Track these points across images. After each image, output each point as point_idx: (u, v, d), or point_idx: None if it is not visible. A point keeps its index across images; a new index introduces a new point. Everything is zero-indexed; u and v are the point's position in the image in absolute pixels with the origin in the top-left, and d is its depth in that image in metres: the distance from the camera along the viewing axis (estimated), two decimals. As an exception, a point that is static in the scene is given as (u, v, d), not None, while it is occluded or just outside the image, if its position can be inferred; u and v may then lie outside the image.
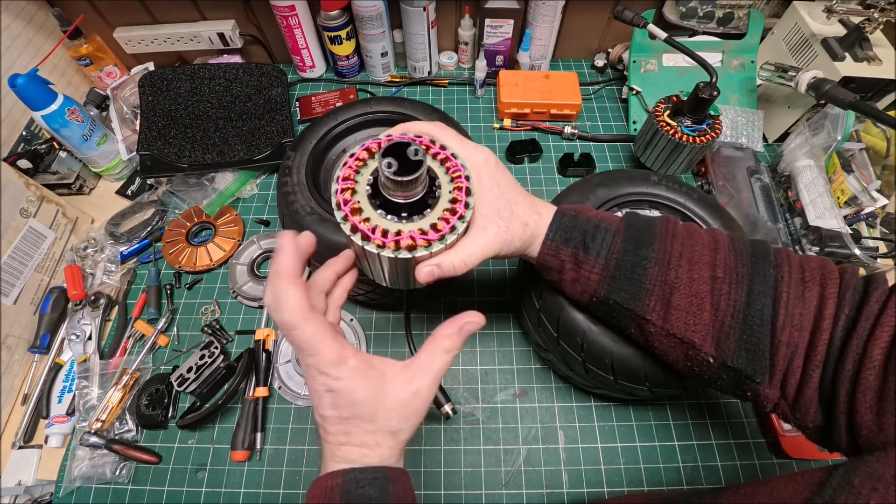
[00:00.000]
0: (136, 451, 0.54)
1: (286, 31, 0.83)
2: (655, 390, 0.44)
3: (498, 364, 0.60)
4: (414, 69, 0.90)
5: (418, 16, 0.80)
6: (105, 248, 0.69)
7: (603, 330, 0.44)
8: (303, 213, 0.52)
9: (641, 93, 0.81)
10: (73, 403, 0.58)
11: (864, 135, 0.70)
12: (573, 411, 0.57)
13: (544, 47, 0.86)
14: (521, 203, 0.37)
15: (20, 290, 0.61)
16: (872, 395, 0.27)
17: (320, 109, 0.85)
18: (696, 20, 0.82)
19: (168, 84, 0.80)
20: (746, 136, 0.76)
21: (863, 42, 0.67)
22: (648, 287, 0.35)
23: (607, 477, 0.53)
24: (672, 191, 0.53)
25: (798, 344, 0.31)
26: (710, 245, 0.36)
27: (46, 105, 0.66)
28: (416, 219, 0.32)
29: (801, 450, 0.52)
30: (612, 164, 0.79)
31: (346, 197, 0.32)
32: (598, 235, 0.37)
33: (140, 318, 0.64)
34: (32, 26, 0.76)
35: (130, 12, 0.83)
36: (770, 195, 0.70)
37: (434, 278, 0.33)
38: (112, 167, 0.77)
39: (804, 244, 0.65)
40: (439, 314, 0.64)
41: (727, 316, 0.33)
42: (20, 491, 0.56)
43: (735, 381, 0.34)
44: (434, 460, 0.54)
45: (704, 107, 0.62)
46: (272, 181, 0.77)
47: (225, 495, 0.53)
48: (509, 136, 0.83)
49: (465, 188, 0.33)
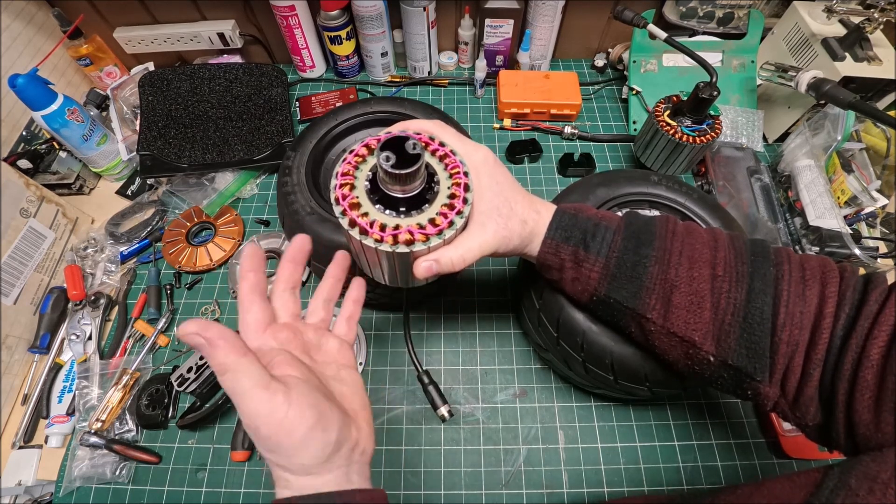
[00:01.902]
0: (136, 451, 0.54)
1: (286, 31, 0.83)
2: (655, 390, 0.44)
3: (498, 364, 0.60)
4: (414, 69, 0.90)
5: (418, 16, 0.80)
6: (105, 248, 0.69)
7: (603, 330, 0.44)
8: (303, 213, 0.52)
9: (641, 93, 0.81)
10: (73, 403, 0.58)
11: (864, 135, 0.70)
12: (573, 411, 0.57)
13: (544, 47, 0.86)
14: (520, 201, 0.37)
15: (20, 290, 0.61)
16: (870, 394, 0.27)
17: (320, 109, 0.85)
18: (696, 20, 0.82)
19: (168, 84, 0.80)
20: (746, 136, 0.76)
21: (863, 42, 0.67)
22: (649, 285, 0.35)
23: (607, 477, 0.53)
24: (672, 191, 0.53)
25: (798, 342, 0.31)
26: (710, 244, 0.36)
27: (46, 105, 0.66)
28: (415, 214, 0.32)
29: (801, 450, 0.52)
30: (612, 164, 0.79)
31: (344, 192, 0.32)
32: (599, 234, 0.37)
33: (140, 318, 0.64)
34: (32, 26, 0.76)
35: (130, 12, 0.83)
36: (770, 195, 0.70)
37: (432, 274, 0.33)
38: (112, 167, 0.77)
39: (804, 244, 0.65)
40: (439, 314, 0.64)
41: (727, 314, 0.33)
42: (20, 491, 0.56)
43: (735, 379, 0.34)
44: (434, 460, 0.54)
45: (704, 107, 0.62)
46: (272, 181, 0.77)
47: (225, 495, 0.53)
48: (509, 136, 0.83)
49: (464, 184, 0.33)
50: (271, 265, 0.68)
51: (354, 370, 0.35)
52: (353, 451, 0.29)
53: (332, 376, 0.33)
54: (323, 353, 0.34)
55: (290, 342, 0.32)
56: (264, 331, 0.32)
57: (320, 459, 0.27)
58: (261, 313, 0.32)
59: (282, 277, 0.35)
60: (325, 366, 0.33)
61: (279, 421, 0.26)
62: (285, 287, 0.35)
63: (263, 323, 0.32)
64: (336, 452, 0.28)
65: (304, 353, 0.33)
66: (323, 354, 0.34)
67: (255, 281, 0.32)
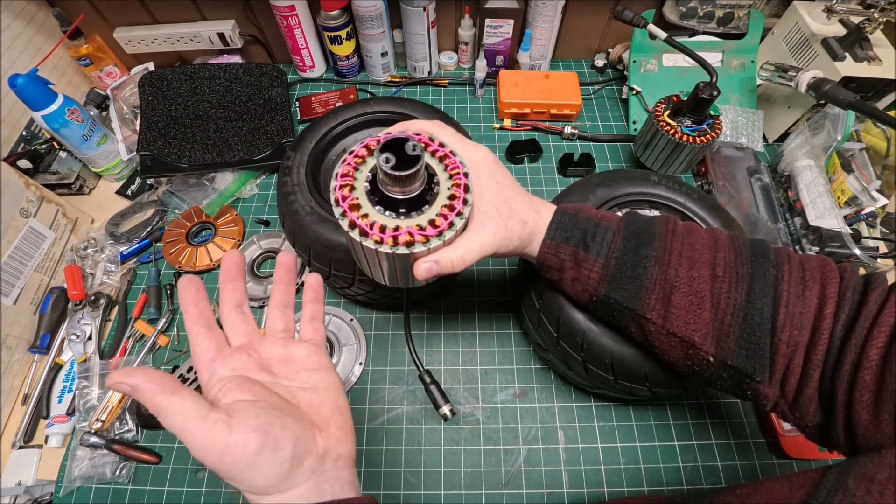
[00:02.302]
0: (136, 451, 0.54)
1: (286, 31, 0.83)
2: (655, 390, 0.44)
3: (498, 364, 0.60)
4: (414, 69, 0.90)
5: (418, 16, 0.80)
6: (105, 248, 0.69)
7: (603, 330, 0.44)
8: (303, 213, 0.52)
9: (641, 93, 0.81)
10: (73, 403, 0.58)
11: (864, 135, 0.70)
12: (573, 411, 0.57)
13: (544, 47, 0.86)
14: (520, 201, 0.37)
15: (20, 290, 0.61)
16: (869, 394, 0.27)
17: (320, 109, 0.85)
18: (696, 20, 0.82)
19: (168, 84, 0.80)
20: (746, 136, 0.76)
21: (863, 42, 0.67)
22: (648, 286, 0.35)
23: (607, 477, 0.53)
24: (672, 191, 0.53)
25: (798, 343, 0.31)
26: (710, 244, 0.36)
27: (46, 105, 0.66)
28: (415, 215, 0.32)
29: (801, 450, 0.52)
30: (612, 164, 0.79)
31: (344, 193, 0.32)
32: (599, 234, 0.37)
33: (140, 318, 0.64)
34: (32, 26, 0.76)
35: (130, 12, 0.83)
36: (770, 195, 0.70)
37: (432, 275, 0.33)
38: (112, 167, 0.77)
39: (804, 244, 0.65)
40: (439, 314, 0.64)
41: (727, 315, 0.33)
42: (20, 491, 0.56)
43: (735, 380, 0.34)
44: (434, 460, 0.54)
45: (704, 107, 0.62)
46: (272, 181, 0.77)
47: (225, 495, 0.53)
48: (509, 136, 0.83)
49: (464, 185, 0.33)
50: (270, 265, 0.68)
51: (329, 371, 0.34)
52: (321, 461, 0.29)
53: (299, 386, 0.32)
54: (290, 364, 0.33)
55: (243, 364, 0.31)
56: (213, 360, 0.31)
57: (278, 478, 0.27)
58: (206, 344, 0.31)
59: (223, 298, 0.34)
60: (291, 377, 0.32)
61: (222, 450, 0.25)
62: (230, 308, 0.33)
63: (211, 353, 0.31)
64: (297, 467, 0.27)
65: (261, 370, 0.32)
66: (290, 364, 0.33)
67: (196, 313, 0.31)
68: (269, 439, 0.26)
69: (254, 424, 0.26)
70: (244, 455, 0.26)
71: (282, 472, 0.27)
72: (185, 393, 0.26)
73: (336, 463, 0.30)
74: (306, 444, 0.28)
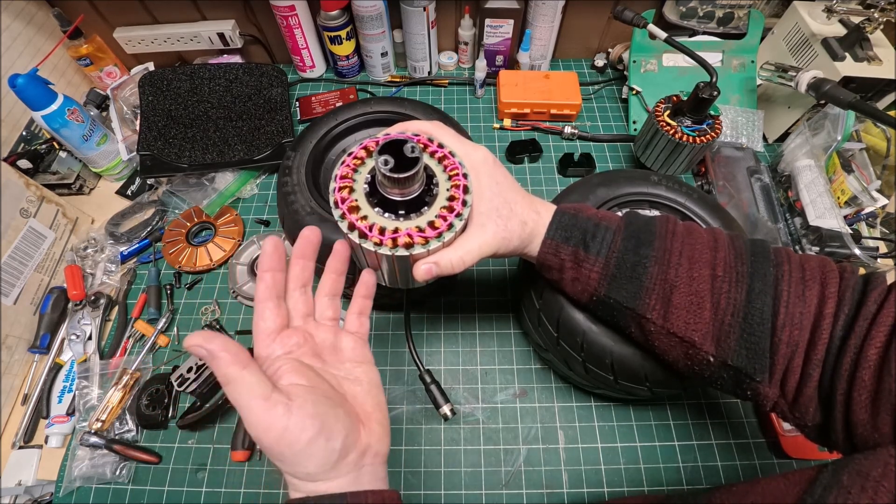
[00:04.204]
0: (136, 451, 0.54)
1: (286, 31, 0.83)
2: (655, 390, 0.44)
3: (498, 364, 0.60)
4: (414, 69, 0.90)
5: (418, 16, 0.80)
6: (105, 248, 0.69)
7: (603, 330, 0.44)
8: (303, 213, 0.52)
9: (641, 93, 0.81)
10: (73, 403, 0.58)
11: (864, 135, 0.70)
12: (573, 411, 0.57)
13: (544, 47, 0.86)
14: (519, 202, 0.37)
15: (20, 290, 0.61)
16: (868, 394, 0.28)
17: (320, 109, 0.85)
18: (696, 20, 0.82)
19: (168, 84, 0.80)
20: (746, 136, 0.76)
21: (863, 42, 0.67)
22: (648, 286, 0.35)
23: (607, 477, 0.53)
24: (672, 191, 0.53)
25: (798, 343, 0.31)
26: (710, 244, 0.36)
27: (46, 105, 0.66)
28: (414, 217, 0.32)
29: (801, 450, 0.52)
30: (612, 164, 0.79)
31: (343, 195, 0.32)
32: (599, 234, 0.37)
33: (140, 318, 0.64)
34: (32, 26, 0.76)
35: (130, 12, 0.83)
36: (770, 195, 0.70)
37: (432, 276, 0.33)
38: (112, 167, 0.77)
39: (804, 244, 0.65)
40: (439, 314, 0.64)
41: (727, 315, 0.33)
42: (20, 491, 0.56)
43: (735, 379, 0.34)
44: (434, 460, 0.54)
45: (704, 107, 0.62)
46: (272, 181, 0.77)
47: (225, 495, 0.53)
48: (509, 136, 0.83)
49: (463, 186, 0.33)
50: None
51: (371, 366, 0.35)
52: (362, 456, 0.30)
53: (344, 377, 0.33)
54: (337, 353, 0.34)
55: (299, 347, 0.32)
56: (274, 339, 0.31)
57: (325, 468, 0.28)
58: (272, 321, 0.31)
59: (291, 276, 0.34)
60: (338, 366, 0.33)
61: (280, 432, 0.26)
62: (295, 286, 0.34)
63: (274, 330, 0.31)
64: (342, 459, 0.28)
65: (314, 356, 0.32)
66: (337, 354, 0.34)
67: (271, 282, 0.32)
68: (324, 428, 0.27)
69: (311, 412, 0.27)
70: (299, 440, 0.26)
71: (329, 461, 0.28)
72: (255, 368, 0.27)
73: (374, 459, 0.31)
74: (353, 438, 0.29)
